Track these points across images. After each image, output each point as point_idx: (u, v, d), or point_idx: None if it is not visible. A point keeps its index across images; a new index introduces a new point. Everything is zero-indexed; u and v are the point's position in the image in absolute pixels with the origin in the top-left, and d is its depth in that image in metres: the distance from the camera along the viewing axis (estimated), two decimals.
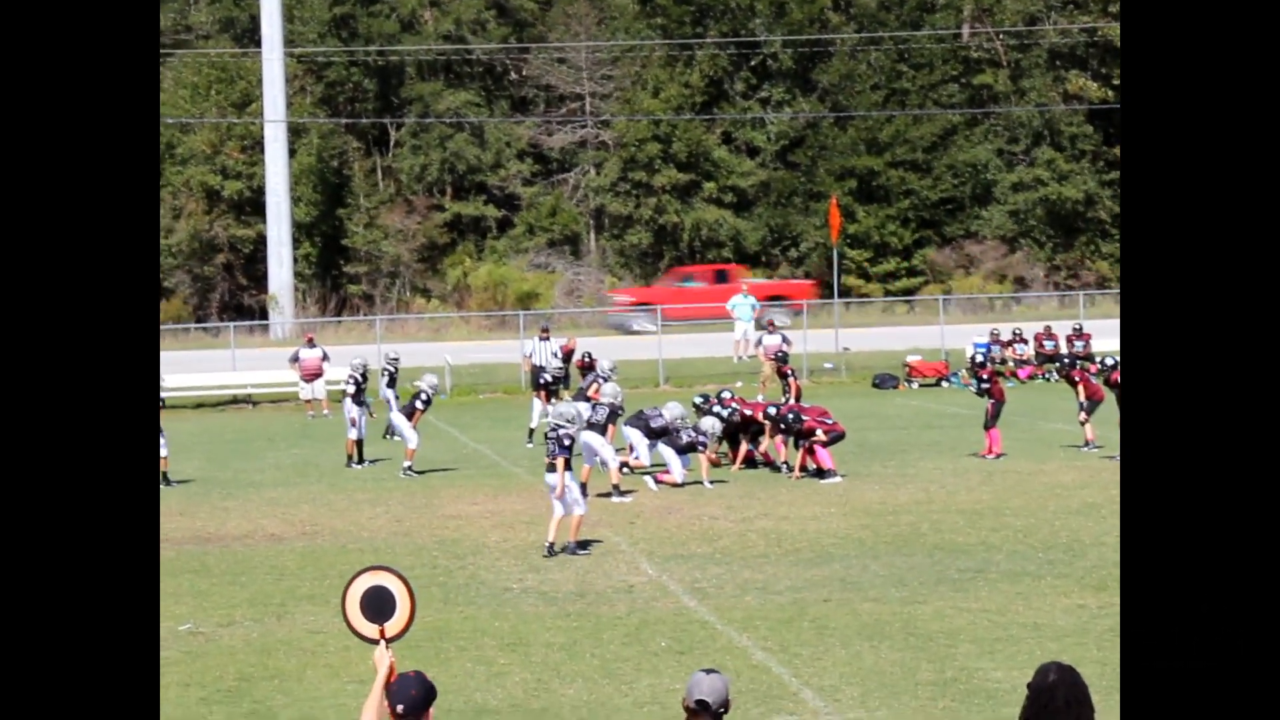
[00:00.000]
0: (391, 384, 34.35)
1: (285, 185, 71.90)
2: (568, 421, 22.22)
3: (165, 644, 17.41)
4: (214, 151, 77.18)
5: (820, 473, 28.38)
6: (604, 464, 27.16)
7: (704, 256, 77.84)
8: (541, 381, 36.11)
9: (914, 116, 77.85)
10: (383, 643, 8.69)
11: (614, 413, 27.46)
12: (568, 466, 21.92)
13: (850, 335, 53.71)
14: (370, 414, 33.10)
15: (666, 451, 28.61)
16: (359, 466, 32.07)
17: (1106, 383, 30.81)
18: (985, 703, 14.11)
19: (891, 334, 56.78)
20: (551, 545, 21.69)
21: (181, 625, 18.28)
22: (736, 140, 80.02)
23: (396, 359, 35.44)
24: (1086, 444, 31.19)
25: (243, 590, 20.23)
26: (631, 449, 29.61)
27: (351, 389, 32.66)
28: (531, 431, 34.72)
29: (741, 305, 51.79)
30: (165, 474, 29.99)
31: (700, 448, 28.60)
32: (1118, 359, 31.01)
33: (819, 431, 28.69)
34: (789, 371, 33.80)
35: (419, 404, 30.89)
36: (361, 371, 33.35)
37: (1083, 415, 31.10)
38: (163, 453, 30.72)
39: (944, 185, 77.89)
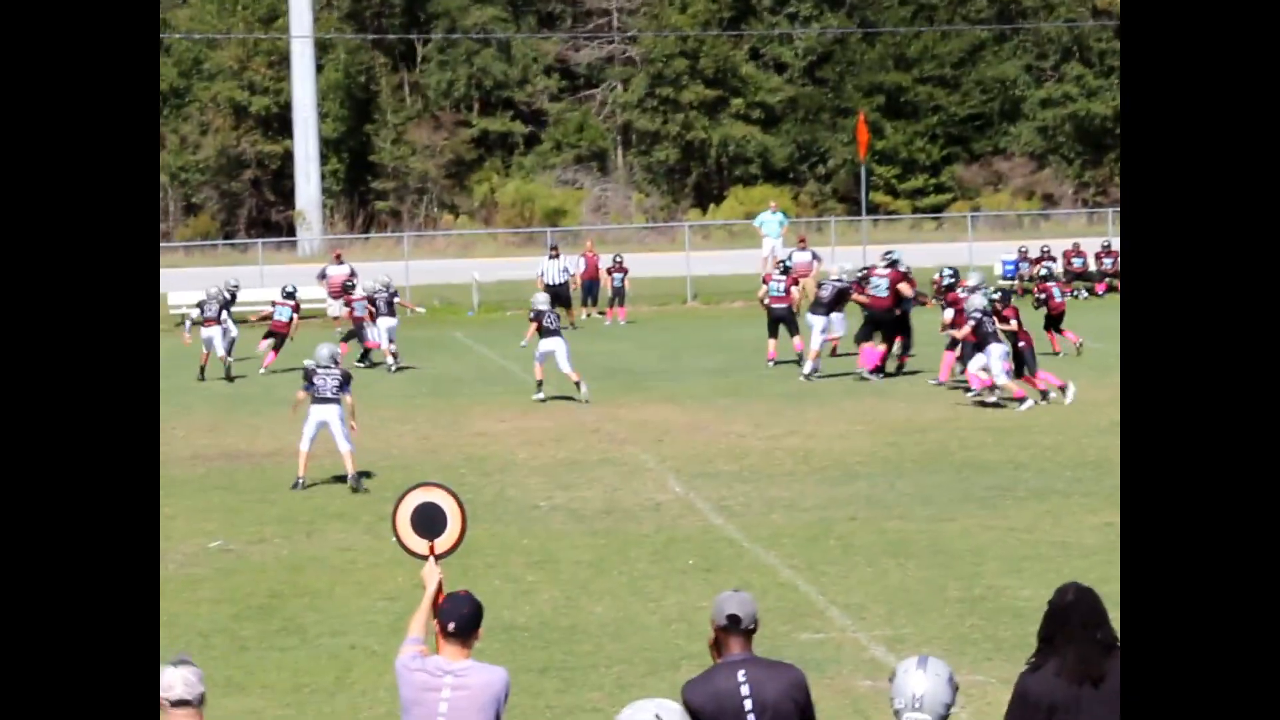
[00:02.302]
0: (226, 307, 35.24)
1: (312, 101, 71.69)
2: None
3: (197, 561, 17.58)
4: (241, 67, 76.94)
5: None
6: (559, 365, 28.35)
7: (731, 173, 77.57)
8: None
9: (942, 32, 77.35)
10: (432, 559, 8.73)
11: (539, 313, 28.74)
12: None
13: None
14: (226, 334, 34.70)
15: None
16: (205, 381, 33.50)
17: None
18: (1012, 620, 14.15)
19: (919, 250, 56.52)
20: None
21: (212, 542, 18.40)
22: (764, 56, 79.59)
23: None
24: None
25: (272, 508, 20.35)
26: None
27: (214, 309, 34.18)
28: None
29: (769, 222, 51.48)
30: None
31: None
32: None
33: None
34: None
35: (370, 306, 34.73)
36: (229, 292, 35.72)
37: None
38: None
39: (972, 101, 77.45)
